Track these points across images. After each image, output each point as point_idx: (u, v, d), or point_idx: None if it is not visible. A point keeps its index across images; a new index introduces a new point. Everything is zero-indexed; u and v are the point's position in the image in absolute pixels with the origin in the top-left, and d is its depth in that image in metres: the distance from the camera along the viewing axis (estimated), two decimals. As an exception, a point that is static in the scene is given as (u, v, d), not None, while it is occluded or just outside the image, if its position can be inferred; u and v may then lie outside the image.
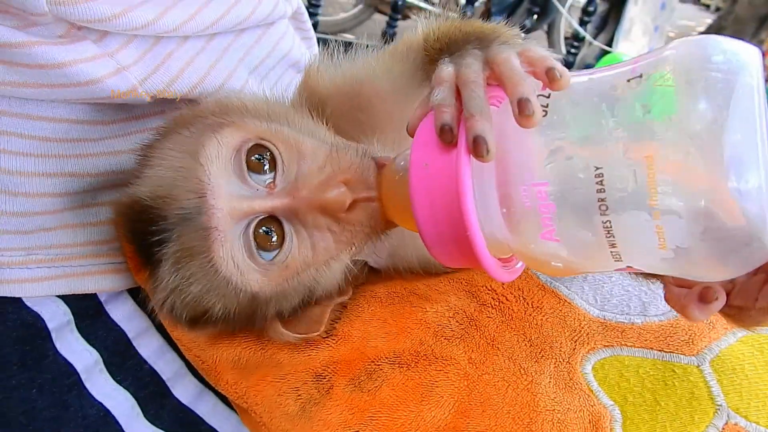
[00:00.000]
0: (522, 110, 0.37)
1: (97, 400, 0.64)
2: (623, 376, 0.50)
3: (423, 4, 3.32)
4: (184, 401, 0.65)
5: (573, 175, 0.36)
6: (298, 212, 0.47)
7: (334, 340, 0.51)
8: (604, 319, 0.53)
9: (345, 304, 0.53)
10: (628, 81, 0.37)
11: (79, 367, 0.64)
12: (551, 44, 3.58)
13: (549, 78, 0.38)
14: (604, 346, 0.51)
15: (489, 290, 0.53)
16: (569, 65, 3.38)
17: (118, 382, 0.64)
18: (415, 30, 0.62)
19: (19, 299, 0.61)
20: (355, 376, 0.49)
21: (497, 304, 0.52)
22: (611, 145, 0.36)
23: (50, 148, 0.57)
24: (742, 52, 0.36)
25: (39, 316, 0.63)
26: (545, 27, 3.60)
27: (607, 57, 3.19)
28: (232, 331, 0.52)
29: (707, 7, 7.81)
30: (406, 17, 3.53)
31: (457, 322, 0.51)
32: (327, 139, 0.51)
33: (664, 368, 0.50)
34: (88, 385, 0.64)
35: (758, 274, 0.39)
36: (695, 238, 0.35)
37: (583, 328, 0.52)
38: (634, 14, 3.14)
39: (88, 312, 0.64)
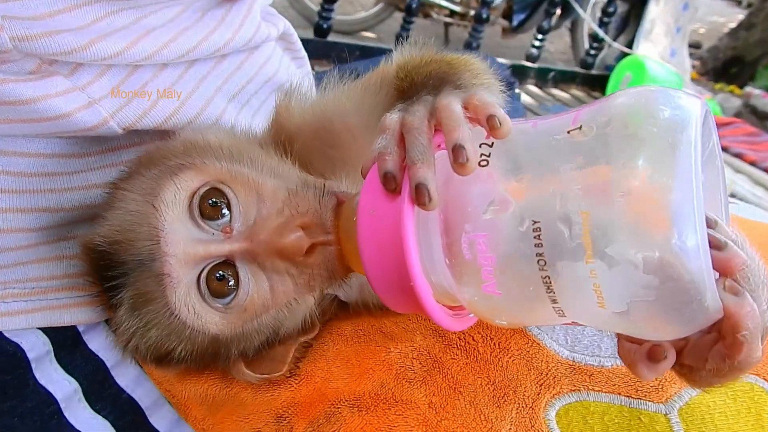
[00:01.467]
0: (456, 158, 0.36)
1: (76, 429, 0.65)
2: (587, 424, 0.49)
3: (443, 2, 3.30)
4: (161, 430, 0.66)
5: (512, 227, 0.36)
6: (256, 256, 0.46)
7: (296, 380, 0.51)
8: (573, 361, 0.52)
9: (311, 343, 0.53)
10: (569, 132, 0.36)
11: (58, 396, 0.64)
12: (574, 42, 3.54)
13: (489, 126, 0.38)
14: (571, 390, 0.50)
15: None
16: (589, 66, 3.33)
17: (97, 411, 0.65)
18: (389, 60, 0.61)
19: (-1, 330, 0.62)
20: (314, 419, 0.49)
21: (463, 344, 0.51)
22: (548, 197, 0.35)
23: (25, 184, 0.58)
24: (687, 106, 0.35)
25: (19, 346, 0.64)
26: (568, 24, 3.56)
27: (627, 59, 3.13)
28: (198, 369, 0.52)
29: (738, 2, 7.63)
30: (427, 15, 3.52)
31: (420, 363, 0.50)
32: (291, 178, 0.50)
33: (630, 416, 0.49)
34: (67, 414, 0.64)
35: (710, 333, 0.37)
36: (632, 298, 0.34)
37: (550, 370, 0.51)
38: (655, 15, 3.08)
39: (66, 342, 0.64)
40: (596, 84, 3.35)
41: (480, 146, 0.38)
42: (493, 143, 0.38)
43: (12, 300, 0.60)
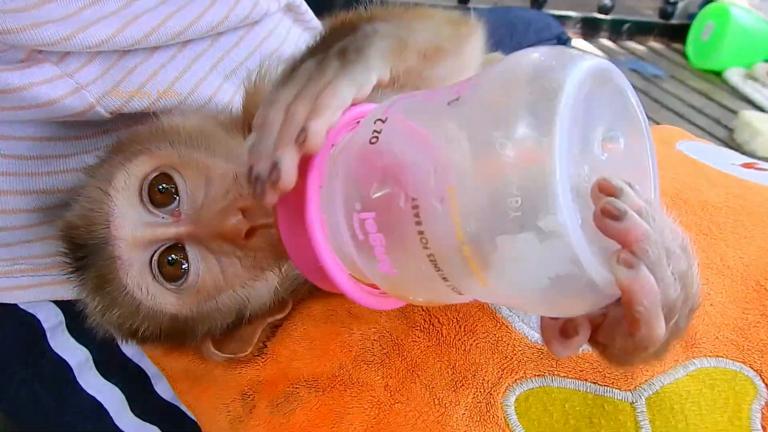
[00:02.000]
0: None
1: (89, 394, 0.69)
2: (547, 410, 0.47)
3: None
4: (166, 397, 0.69)
5: (395, 205, 0.35)
6: (202, 239, 0.48)
7: (262, 359, 0.53)
8: (542, 345, 0.50)
9: (280, 323, 0.54)
10: (448, 104, 0.35)
11: (72, 363, 0.69)
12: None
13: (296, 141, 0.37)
14: (535, 375, 0.49)
15: (423, 311, 0.52)
16: (669, 15, 3.13)
17: (107, 378, 0.69)
18: None
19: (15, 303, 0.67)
20: (274, 398, 0.50)
21: (427, 326, 0.51)
22: (423, 174, 0.34)
23: (23, 167, 0.61)
24: (569, 71, 0.32)
25: (35, 317, 0.69)
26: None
27: (710, 7, 2.91)
28: (171, 346, 0.55)
29: None
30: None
31: (380, 345, 0.50)
32: (243, 161, 0.51)
33: (593, 404, 0.47)
34: (80, 381, 0.69)
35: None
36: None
37: (516, 354, 0.49)
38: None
39: (77, 313, 0.69)
40: (676, 35, 3.13)
41: (374, 122, 0.37)
42: (386, 118, 0.37)
43: (20, 275, 0.65)
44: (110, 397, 0.69)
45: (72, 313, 0.68)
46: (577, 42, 2.94)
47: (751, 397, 0.48)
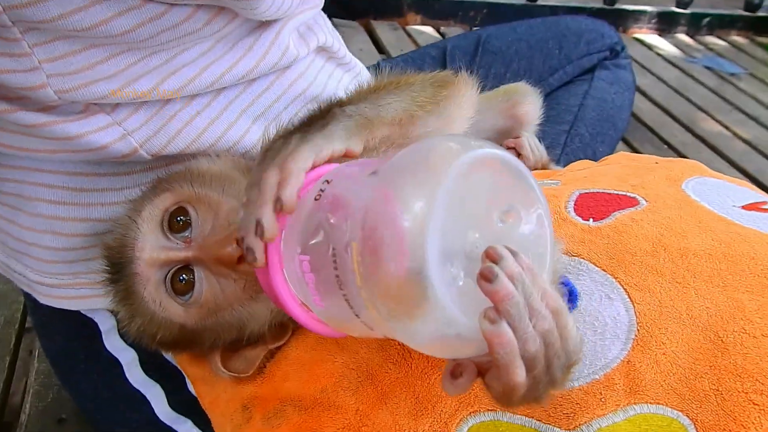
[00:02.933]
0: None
1: (135, 388, 0.81)
2: (493, 442, 0.54)
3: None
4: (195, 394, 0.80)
5: (322, 252, 0.43)
6: (206, 262, 0.57)
7: (261, 377, 0.62)
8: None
9: (279, 348, 0.63)
10: (369, 176, 0.43)
11: (123, 361, 0.81)
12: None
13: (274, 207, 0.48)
14: (488, 409, 0.55)
15: (399, 346, 0.59)
16: (755, 7, 2.98)
17: (149, 375, 0.81)
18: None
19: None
20: (267, 412, 0.59)
21: (399, 359, 0.58)
22: (340, 231, 0.43)
23: (82, 198, 0.73)
24: (457, 159, 0.40)
25: (93, 320, 0.81)
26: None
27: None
28: (184, 352, 0.65)
29: None
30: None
31: (357, 374, 0.58)
32: None
33: (535, 439, 0.53)
34: (128, 376, 0.81)
35: None
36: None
37: (474, 389, 0.56)
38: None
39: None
40: (762, 28, 2.99)
41: (322, 183, 0.47)
42: (331, 181, 0.45)
43: (80, 287, 0.77)
44: (152, 391, 0.81)
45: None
46: (652, 38, 2.86)
47: (682, 444, 0.53)
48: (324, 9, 0.92)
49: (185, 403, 0.80)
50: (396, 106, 0.58)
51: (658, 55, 2.70)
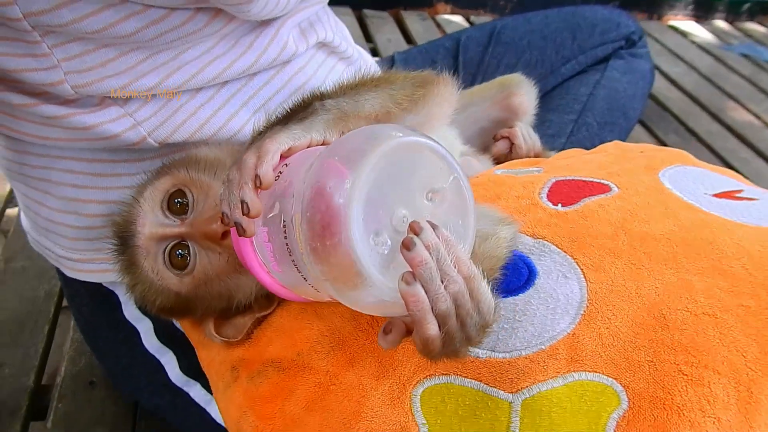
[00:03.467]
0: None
1: (151, 354, 0.91)
2: (444, 402, 0.60)
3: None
4: None
5: (277, 224, 0.51)
6: (195, 238, 0.65)
7: (248, 342, 0.70)
8: (456, 350, 0.63)
9: (265, 316, 0.71)
10: (318, 155, 0.50)
11: (140, 329, 0.90)
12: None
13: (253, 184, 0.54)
14: (443, 373, 0.62)
15: (370, 317, 0.66)
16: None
17: (163, 343, 0.90)
18: None
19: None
20: (251, 372, 0.67)
21: (368, 327, 0.65)
22: (288, 204, 0.50)
23: (101, 182, 0.82)
24: (385, 142, 0.48)
25: (114, 292, 0.90)
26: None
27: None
28: (182, 317, 0.74)
29: None
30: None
31: (329, 340, 0.65)
32: None
33: (480, 400, 0.60)
34: (145, 343, 0.91)
35: None
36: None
37: (431, 356, 0.62)
38: None
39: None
40: (805, 14, 2.91)
41: (282, 165, 0.54)
42: (288, 163, 0.53)
43: (101, 262, 0.86)
44: (165, 357, 0.90)
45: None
46: (688, 25, 2.82)
47: (613, 408, 0.58)
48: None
49: (195, 368, 0.89)
50: (373, 102, 0.64)
51: (693, 42, 2.67)
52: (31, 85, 0.72)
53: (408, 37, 2.48)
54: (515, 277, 0.68)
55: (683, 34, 2.73)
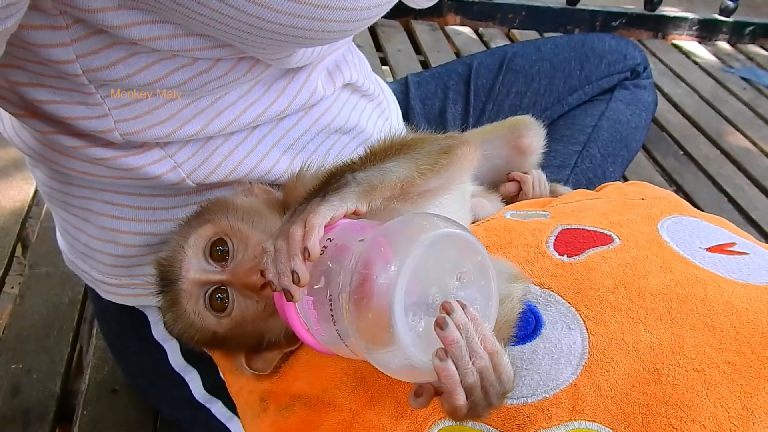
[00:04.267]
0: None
1: (177, 371, 0.97)
2: (456, 443, 0.67)
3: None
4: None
5: (323, 295, 0.58)
6: (235, 285, 0.71)
7: (277, 375, 0.76)
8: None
9: (292, 351, 0.77)
10: (359, 241, 0.56)
11: (167, 348, 0.97)
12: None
13: (302, 256, 0.60)
14: (455, 416, 0.68)
15: (389, 357, 0.72)
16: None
17: (189, 362, 0.97)
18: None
19: (132, 304, 0.95)
20: (280, 405, 0.74)
21: (388, 369, 0.72)
22: (336, 281, 0.57)
23: (139, 215, 0.88)
24: (428, 233, 0.54)
25: (144, 313, 0.97)
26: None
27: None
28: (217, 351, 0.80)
29: None
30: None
31: (353, 379, 0.72)
32: None
33: (489, 443, 0.66)
34: (171, 361, 0.97)
35: None
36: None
37: (446, 399, 0.69)
38: None
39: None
40: (807, 37, 2.97)
41: (327, 240, 0.61)
42: (332, 239, 0.59)
43: (135, 287, 0.92)
44: (190, 375, 0.97)
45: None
46: (691, 45, 2.88)
47: (608, 457, 0.65)
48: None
49: (217, 387, 0.95)
50: (399, 174, 0.70)
51: (695, 63, 2.73)
52: (81, 130, 0.77)
53: (417, 47, 2.53)
54: (523, 325, 0.75)
55: (686, 55, 2.79)
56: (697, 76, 2.62)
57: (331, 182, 0.68)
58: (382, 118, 1.11)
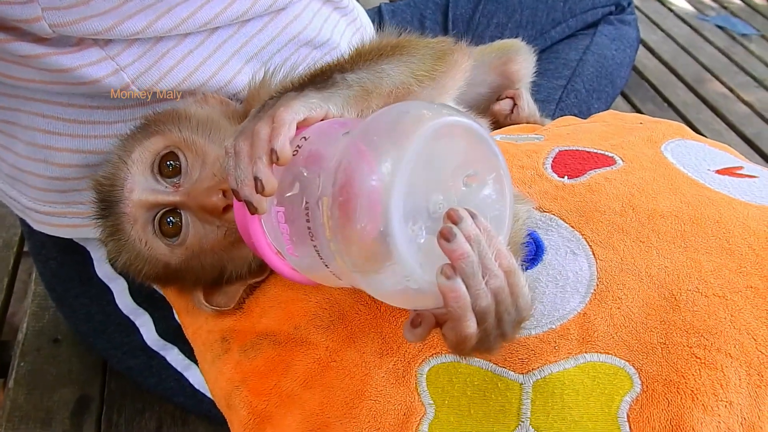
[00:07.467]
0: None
1: (125, 314, 0.86)
2: (451, 381, 0.58)
3: None
4: None
5: (297, 204, 0.46)
6: (192, 208, 0.60)
7: (240, 312, 0.66)
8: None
9: (258, 284, 0.67)
10: (342, 135, 0.45)
11: (114, 289, 0.85)
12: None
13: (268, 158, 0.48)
14: (449, 352, 0.59)
15: (371, 288, 0.62)
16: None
17: (138, 304, 0.85)
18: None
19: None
20: (244, 344, 0.63)
21: (370, 301, 0.62)
22: (313, 185, 0.45)
23: (76, 129, 0.75)
24: (424, 125, 0.42)
25: (85, 248, 0.85)
26: None
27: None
28: (169, 286, 0.69)
29: None
30: None
31: (329, 314, 0.62)
32: None
33: (490, 381, 0.57)
34: (118, 303, 0.86)
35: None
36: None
37: (437, 333, 0.60)
38: None
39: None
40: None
41: (300, 139, 0.49)
42: (308, 138, 0.48)
43: (73, 216, 0.80)
44: (141, 319, 0.86)
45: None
46: (665, -8, 2.80)
47: (626, 391, 0.57)
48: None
49: (172, 332, 0.85)
50: (395, 79, 0.58)
51: (670, 10, 2.66)
52: (4, 19, 0.64)
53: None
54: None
55: (661, 2, 2.72)
56: (673, 23, 2.55)
57: (314, 80, 0.56)
58: (357, 36, 0.99)
